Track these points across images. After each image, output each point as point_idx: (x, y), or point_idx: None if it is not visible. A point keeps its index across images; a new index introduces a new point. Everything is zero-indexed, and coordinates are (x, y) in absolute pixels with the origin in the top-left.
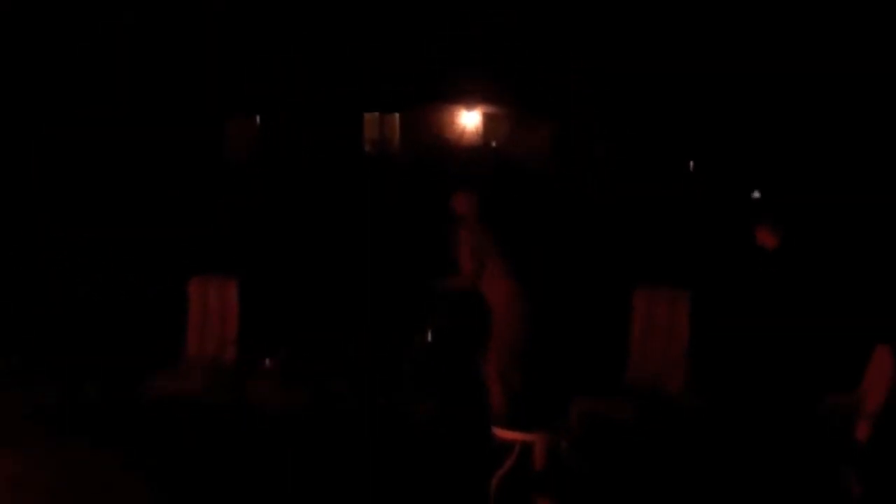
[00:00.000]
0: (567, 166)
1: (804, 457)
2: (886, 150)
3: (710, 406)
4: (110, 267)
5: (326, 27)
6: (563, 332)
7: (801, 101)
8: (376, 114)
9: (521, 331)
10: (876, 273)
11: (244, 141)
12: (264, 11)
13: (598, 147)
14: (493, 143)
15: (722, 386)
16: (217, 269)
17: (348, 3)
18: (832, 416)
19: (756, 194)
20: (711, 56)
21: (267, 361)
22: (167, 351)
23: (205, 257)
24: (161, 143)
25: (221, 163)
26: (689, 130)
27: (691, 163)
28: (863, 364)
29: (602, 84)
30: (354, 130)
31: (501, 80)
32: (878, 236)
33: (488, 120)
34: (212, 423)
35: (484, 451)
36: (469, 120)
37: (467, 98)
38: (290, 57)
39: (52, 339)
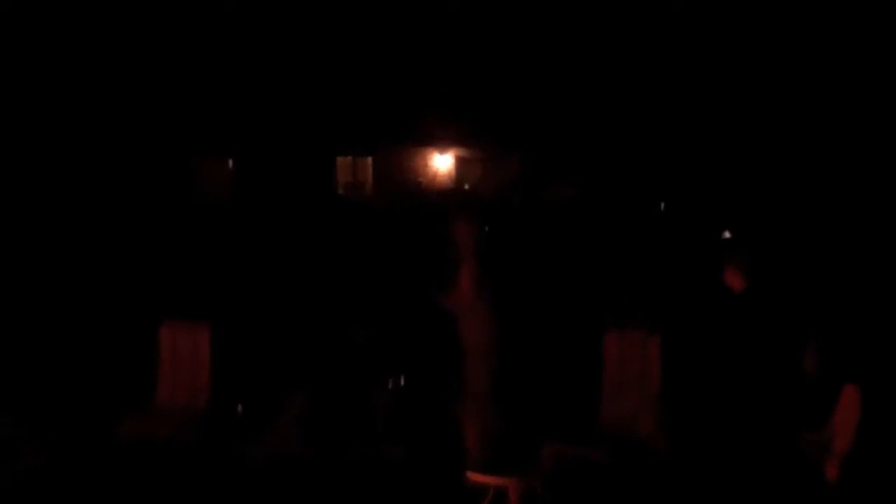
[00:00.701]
0: (533, 206)
1: (778, 497)
2: (858, 189)
3: (683, 448)
4: (76, 308)
5: (300, 71)
6: (539, 374)
7: (775, 139)
8: (349, 157)
9: (497, 373)
10: (840, 312)
11: (216, 183)
12: (238, 54)
13: (566, 187)
14: (466, 186)
15: (694, 427)
16: (188, 314)
17: (322, 47)
18: (804, 454)
19: (727, 234)
20: (681, 96)
21: (238, 408)
22: (137, 395)
23: (175, 300)
24: (132, 181)
25: (192, 204)
26: (659, 170)
27: (661, 203)
28: (831, 403)
29: (571, 124)
30: (327, 174)
31: (472, 122)
32: (848, 275)
33: (461, 163)
34: (182, 468)
35: (457, 496)
36: (442, 163)
37: (439, 141)
38: (264, 99)
39: (20, 383)
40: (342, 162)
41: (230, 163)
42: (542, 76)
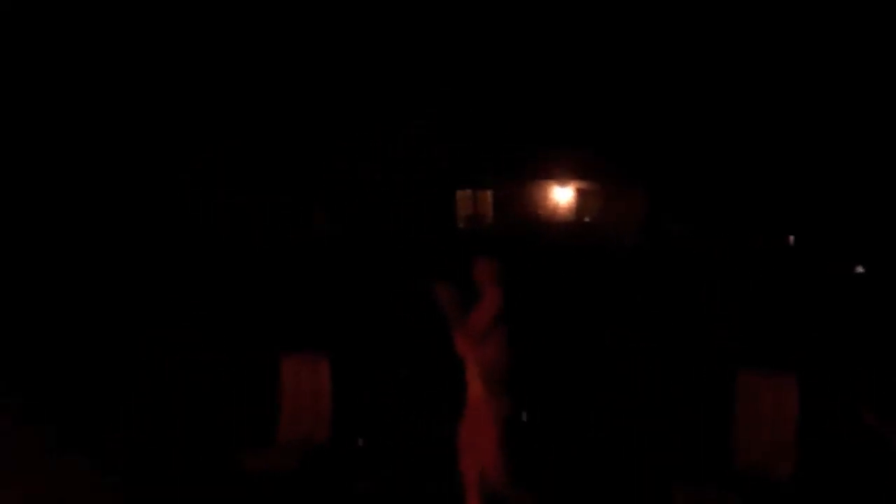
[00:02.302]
0: (658, 241)
1: None
2: None
3: (821, 495)
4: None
5: (419, 105)
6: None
7: None
8: (469, 191)
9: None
10: None
11: (336, 216)
12: (353, 89)
13: (690, 221)
14: (587, 219)
15: (833, 472)
16: (309, 346)
17: (441, 81)
18: None
19: (860, 269)
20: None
21: (359, 441)
22: (260, 428)
23: (296, 333)
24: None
25: (313, 239)
26: (788, 202)
27: (791, 237)
28: None
29: (696, 156)
30: (448, 207)
31: (594, 155)
32: None
33: (581, 195)
34: (304, 501)
35: None
36: (562, 196)
37: (560, 174)
38: (384, 134)
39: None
40: (462, 195)
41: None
42: (667, 108)
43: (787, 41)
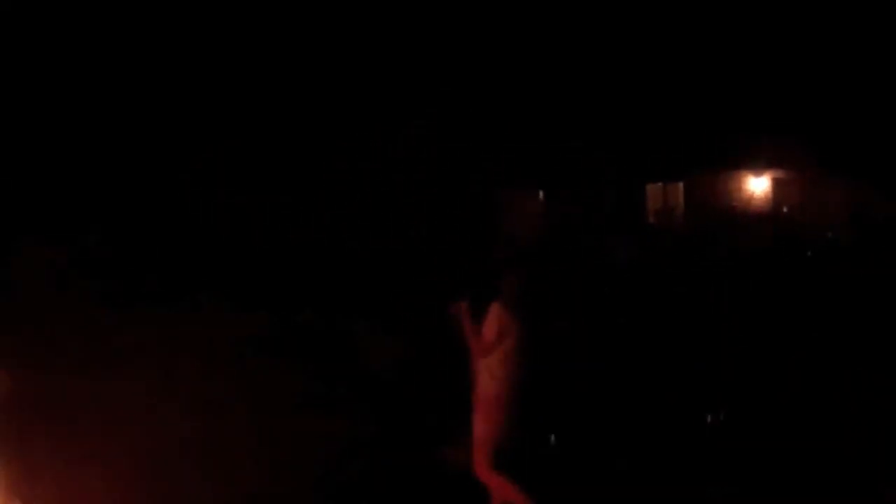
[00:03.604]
0: (866, 232)
1: None
2: None
3: None
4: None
5: (608, 98)
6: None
7: None
8: (659, 184)
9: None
10: None
11: (527, 216)
12: (544, 86)
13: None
14: (784, 209)
15: None
16: None
17: (631, 73)
18: None
19: None
20: None
21: (552, 438)
22: (459, 425)
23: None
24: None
25: (502, 237)
26: None
27: None
28: None
29: None
30: (638, 201)
31: (793, 142)
32: None
33: (778, 185)
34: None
35: None
36: (757, 185)
37: (755, 163)
38: (572, 128)
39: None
40: (652, 188)
41: (541, 194)
42: (876, 86)
43: None
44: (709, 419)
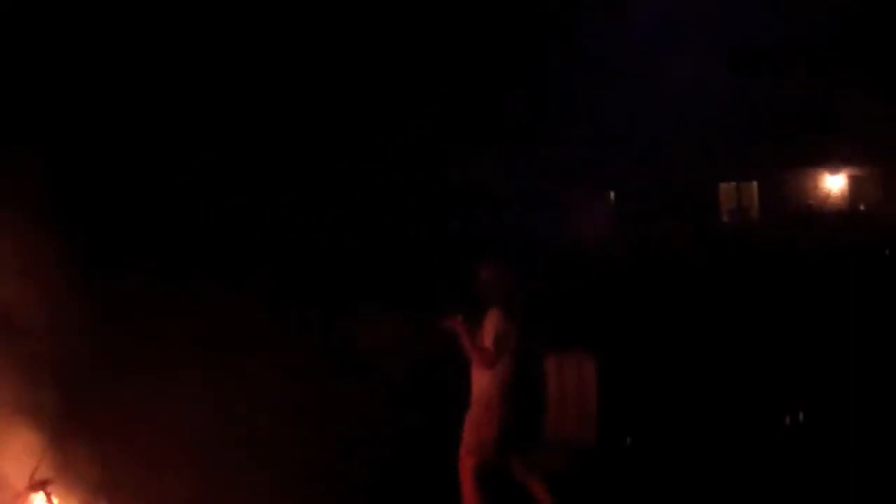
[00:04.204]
0: None
1: None
2: None
3: None
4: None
5: (681, 97)
6: None
7: None
8: (733, 183)
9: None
10: None
11: (594, 216)
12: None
13: None
14: (862, 207)
15: None
16: (574, 345)
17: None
18: None
19: None
20: None
21: (627, 440)
22: (528, 428)
23: (561, 332)
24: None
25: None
26: None
27: None
28: None
29: None
30: (711, 200)
31: (871, 138)
32: None
33: (855, 182)
34: (573, 501)
35: None
36: (834, 183)
37: (831, 161)
38: (644, 133)
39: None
40: (725, 188)
41: (611, 195)
42: None
43: None
44: (787, 420)
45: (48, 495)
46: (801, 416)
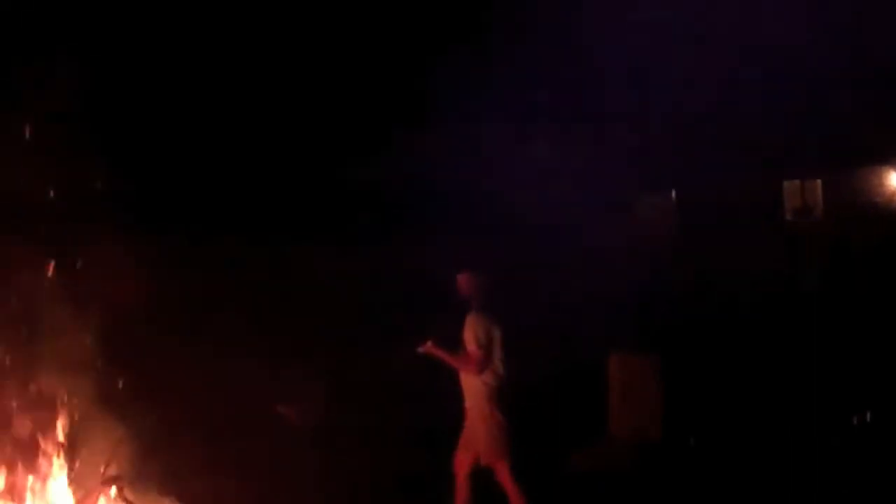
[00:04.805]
0: None
1: None
2: None
3: None
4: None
5: (742, 96)
6: None
7: None
8: (797, 181)
9: None
10: None
11: (658, 216)
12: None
13: None
14: None
15: None
16: (637, 345)
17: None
18: None
19: None
20: None
21: (691, 440)
22: (589, 426)
23: (625, 333)
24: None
25: (638, 239)
26: None
27: None
28: None
29: None
30: (775, 199)
31: None
32: None
33: None
34: (637, 500)
35: None
36: None
37: None
38: (703, 127)
39: None
40: (789, 186)
41: (673, 193)
42: None
43: None
44: (855, 421)
45: (120, 490)
46: (868, 416)
